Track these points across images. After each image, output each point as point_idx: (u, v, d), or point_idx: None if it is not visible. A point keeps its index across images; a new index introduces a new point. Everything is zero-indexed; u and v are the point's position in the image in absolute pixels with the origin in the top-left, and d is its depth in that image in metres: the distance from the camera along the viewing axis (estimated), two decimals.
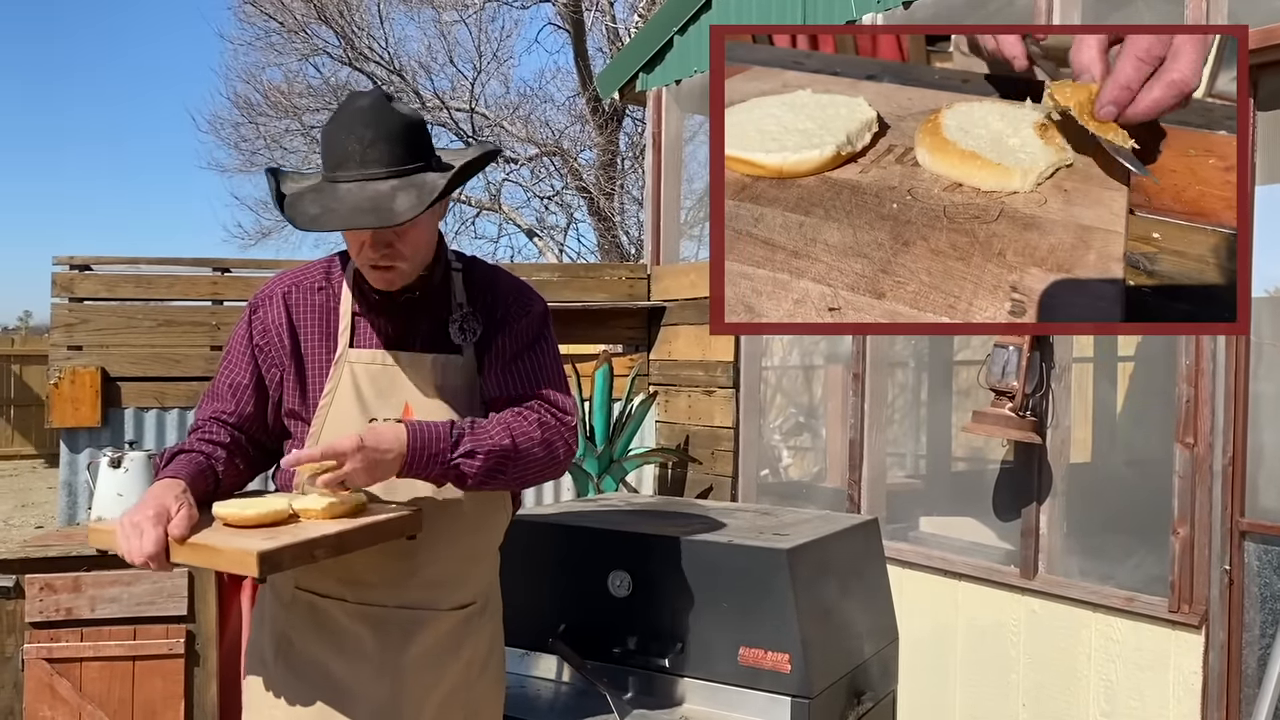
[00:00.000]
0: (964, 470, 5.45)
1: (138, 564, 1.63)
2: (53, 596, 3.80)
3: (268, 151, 15.09)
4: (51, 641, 3.81)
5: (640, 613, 2.25)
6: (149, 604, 3.85)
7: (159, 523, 1.62)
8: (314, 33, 14.67)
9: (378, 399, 1.86)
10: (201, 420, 1.90)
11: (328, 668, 1.88)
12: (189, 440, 1.86)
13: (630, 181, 13.56)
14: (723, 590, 2.17)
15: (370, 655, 1.88)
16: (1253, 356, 3.01)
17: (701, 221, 12.08)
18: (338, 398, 1.87)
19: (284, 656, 1.90)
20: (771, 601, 2.12)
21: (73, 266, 4.66)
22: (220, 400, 1.91)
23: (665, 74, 5.28)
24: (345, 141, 1.73)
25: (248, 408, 1.91)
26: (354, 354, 1.88)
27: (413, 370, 1.88)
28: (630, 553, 2.28)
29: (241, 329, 1.94)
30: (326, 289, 1.93)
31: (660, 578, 2.23)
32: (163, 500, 1.66)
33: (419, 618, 1.91)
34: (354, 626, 1.89)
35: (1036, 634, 3.46)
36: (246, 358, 1.92)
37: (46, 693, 3.80)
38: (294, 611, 1.92)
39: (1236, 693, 2.99)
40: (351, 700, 1.86)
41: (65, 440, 4.60)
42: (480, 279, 1.97)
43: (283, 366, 1.90)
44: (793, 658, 2.08)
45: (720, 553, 2.20)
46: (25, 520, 10.34)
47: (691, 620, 2.19)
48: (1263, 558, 2.96)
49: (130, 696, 3.86)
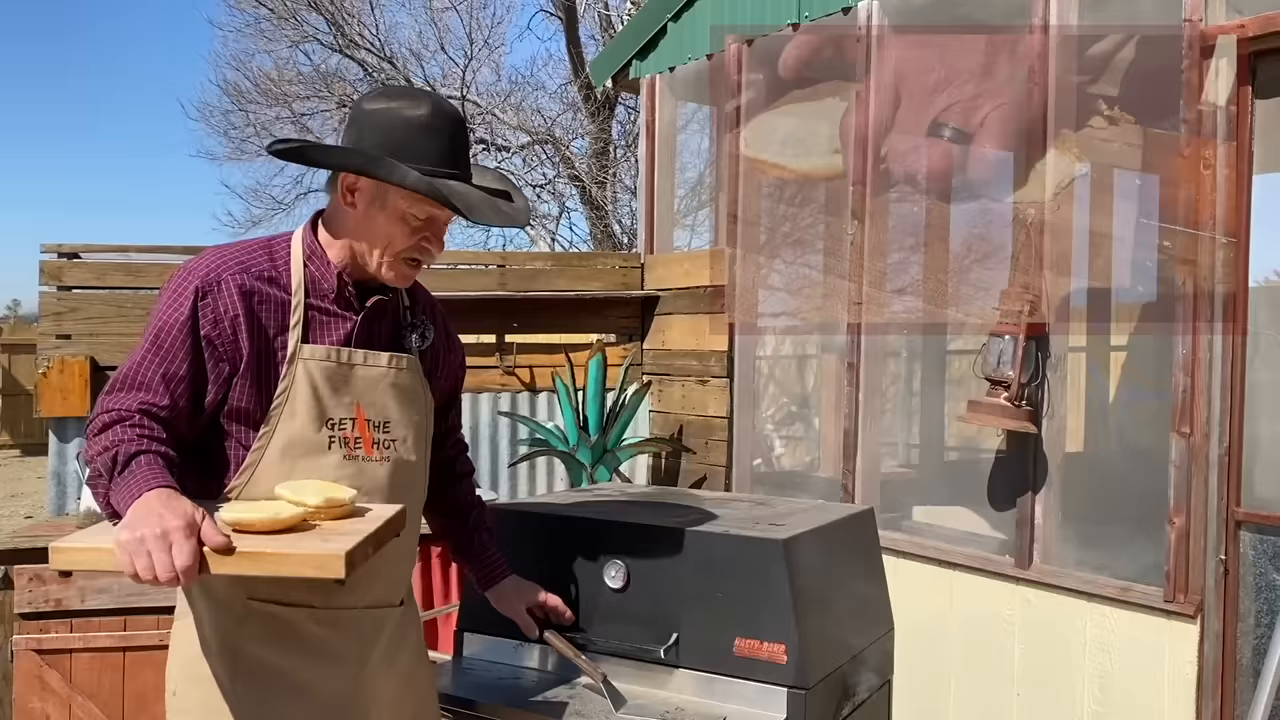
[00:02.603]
0: (959, 460, 5.44)
1: (161, 581, 1.48)
2: (42, 587, 3.77)
3: (257, 139, 15.01)
4: (41, 633, 3.78)
5: (636, 603, 2.23)
6: (139, 595, 3.82)
7: (191, 534, 1.49)
8: (304, 19, 14.59)
9: (332, 397, 1.82)
10: (127, 411, 1.67)
11: (298, 676, 1.82)
12: (124, 433, 1.64)
13: (623, 170, 13.53)
14: (719, 580, 2.15)
15: (343, 658, 1.86)
16: (1250, 346, 3.00)
17: (695, 210, 12.06)
18: (293, 396, 1.79)
19: (245, 674, 1.79)
20: (768, 592, 2.10)
21: (61, 255, 4.61)
22: (149, 391, 1.69)
23: (658, 61, 5.25)
24: (455, 144, 1.82)
25: (181, 401, 1.72)
26: (308, 350, 1.80)
27: (367, 370, 1.86)
28: (625, 543, 2.26)
29: (179, 313, 1.73)
30: (276, 279, 1.80)
31: (655, 568, 2.22)
32: (184, 510, 1.52)
33: (381, 615, 1.93)
34: (323, 631, 1.84)
35: (1031, 624, 3.46)
36: (186, 348, 1.72)
37: (36, 684, 3.78)
38: (249, 624, 1.79)
39: (1231, 682, 2.99)
40: (326, 702, 1.84)
41: (54, 430, 4.57)
42: (419, 292, 2.03)
43: (234, 361, 1.75)
44: (789, 648, 2.07)
45: (716, 542, 2.19)
46: (14, 510, 10.30)
47: (687, 611, 2.17)
48: (1258, 547, 2.95)
49: (121, 687, 3.84)
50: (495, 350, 5.11)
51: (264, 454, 1.78)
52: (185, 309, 1.74)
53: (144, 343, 1.74)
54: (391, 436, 1.89)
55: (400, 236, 1.81)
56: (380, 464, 1.87)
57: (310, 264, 1.83)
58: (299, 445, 1.79)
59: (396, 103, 1.81)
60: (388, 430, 1.89)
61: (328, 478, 1.78)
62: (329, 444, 1.81)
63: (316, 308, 1.83)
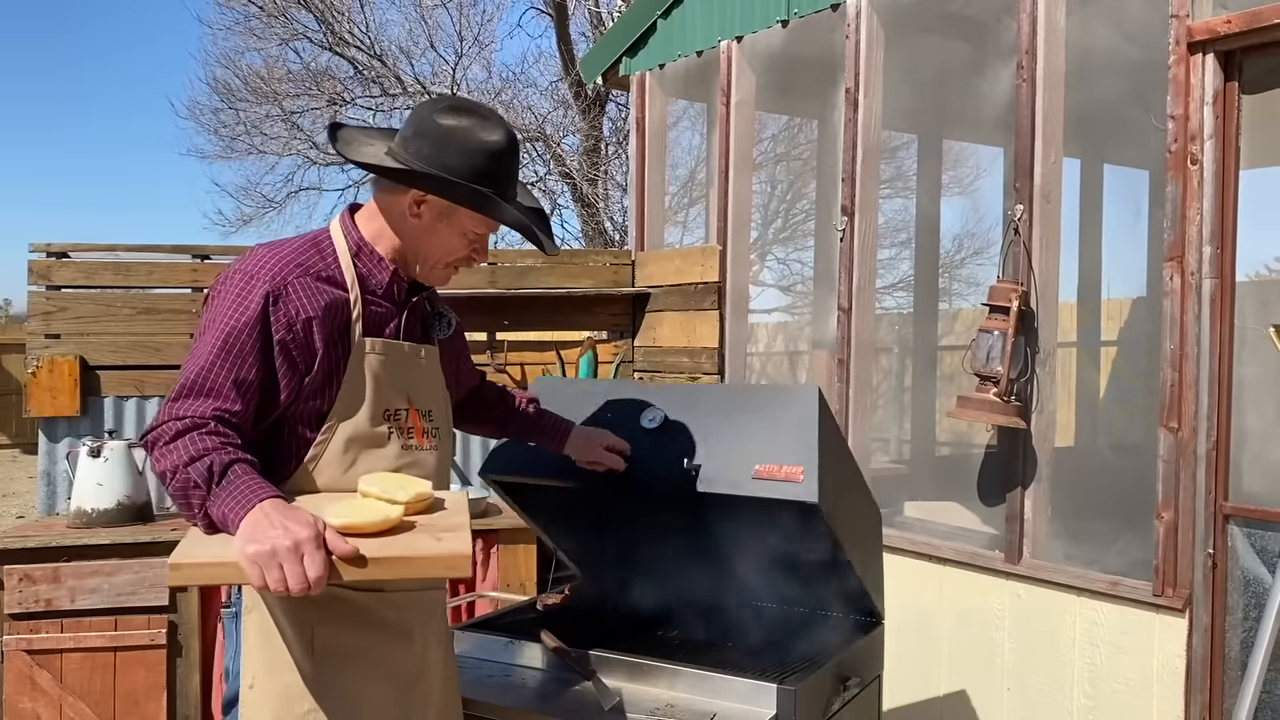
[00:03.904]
0: (949, 455, 5.47)
1: (293, 592, 1.52)
2: (32, 587, 3.77)
3: (248, 137, 14.97)
4: (31, 633, 3.78)
5: (669, 440, 2.40)
6: (130, 594, 3.82)
7: (320, 544, 1.54)
8: (293, 17, 14.55)
9: (390, 388, 1.90)
10: (201, 418, 1.67)
11: (373, 656, 1.88)
12: (208, 441, 1.65)
13: (614, 167, 13.52)
14: (744, 420, 2.35)
15: (409, 637, 1.94)
16: (1237, 341, 3.01)
17: (686, 207, 12.06)
18: (357, 389, 1.85)
19: (323, 658, 1.82)
20: (794, 424, 2.28)
21: (50, 254, 4.59)
22: (222, 398, 1.69)
23: (649, 58, 5.25)
24: (516, 167, 1.95)
25: (250, 407, 1.73)
26: (368, 343, 1.87)
27: (414, 361, 1.97)
28: (659, 397, 2.51)
29: (246, 316, 1.73)
30: (332, 277, 1.85)
31: (687, 410, 2.44)
32: (307, 519, 1.56)
33: (433, 597, 2.03)
34: (390, 613, 1.91)
35: (1021, 618, 3.47)
36: (256, 351, 1.73)
37: (27, 684, 3.77)
38: (325, 610, 1.81)
39: (1220, 675, 3.01)
40: (401, 681, 1.92)
41: (44, 429, 4.55)
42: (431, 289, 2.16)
43: (307, 363, 1.78)
44: (806, 470, 2.20)
45: (749, 392, 2.61)
46: (5, 510, 10.27)
47: (713, 444, 2.36)
48: (1245, 541, 2.97)
49: (112, 687, 3.83)
50: (486, 348, 5.10)
51: (327, 447, 1.83)
52: (253, 312, 1.74)
53: (209, 346, 1.72)
54: (435, 425, 2.00)
55: (458, 248, 1.95)
56: (430, 452, 1.98)
57: (359, 261, 1.90)
58: (362, 438, 1.86)
59: (470, 121, 1.87)
60: (431, 419, 1.99)
61: (389, 468, 1.87)
62: (389, 435, 1.89)
63: (368, 302, 1.89)
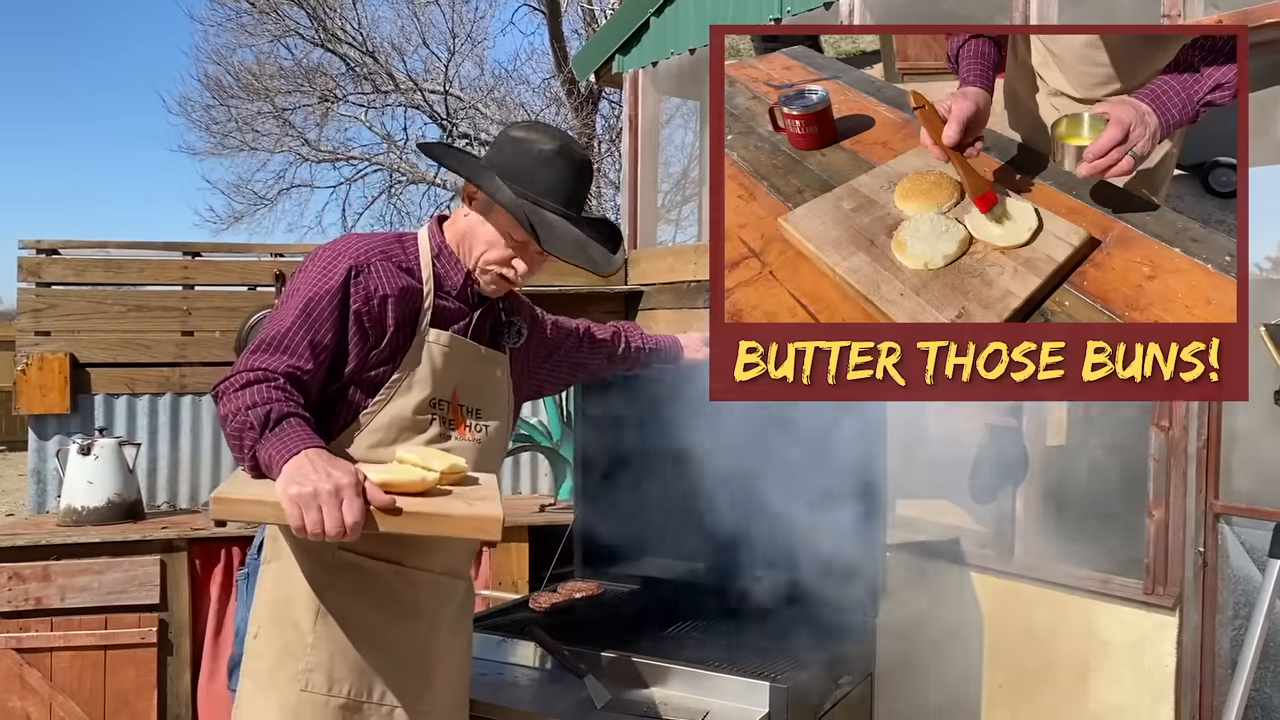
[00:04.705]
0: (940, 453, 5.46)
1: (329, 535, 1.60)
2: (22, 586, 3.75)
3: (239, 134, 14.93)
4: (21, 631, 3.76)
5: None
6: (120, 593, 3.81)
7: (359, 492, 1.62)
8: (285, 14, 14.51)
9: (444, 379, 1.99)
10: (272, 372, 1.78)
11: (376, 629, 1.92)
12: (273, 393, 1.75)
13: (606, 165, 13.52)
14: None
15: (417, 618, 1.98)
16: None
17: (679, 205, 12.04)
18: (414, 372, 1.95)
19: (325, 622, 1.89)
20: None
21: (40, 250, 4.57)
22: (297, 356, 1.82)
23: (641, 56, 5.24)
24: (570, 182, 2.01)
25: (321, 371, 1.86)
26: (434, 334, 1.99)
27: (474, 359, 2.07)
28: None
29: (329, 285, 1.88)
30: (411, 269, 1.99)
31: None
32: (349, 468, 1.65)
33: (451, 585, 2.07)
34: (402, 589, 1.96)
35: (1012, 616, 3.48)
36: (334, 319, 1.87)
37: (16, 683, 3.76)
38: (337, 575, 1.91)
39: (1210, 673, 3.02)
40: (398, 658, 1.95)
41: (34, 427, 4.53)
42: (518, 300, 2.28)
43: (377, 337, 1.91)
44: None
45: None
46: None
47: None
48: (1236, 540, 2.98)
49: (102, 686, 3.82)
50: None
51: (374, 417, 1.93)
52: (336, 281, 1.88)
53: (291, 310, 1.86)
54: (482, 422, 2.08)
55: (496, 248, 2.01)
56: (471, 444, 2.04)
57: (438, 261, 2.04)
58: (407, 416, 1.95)
59: (533, 135, 2.02)
60: (479, 416, 2.07)
61: (423, 444, 1.94)
62: (431, 421, 1.99)
63: (442, 299, 2.02)
